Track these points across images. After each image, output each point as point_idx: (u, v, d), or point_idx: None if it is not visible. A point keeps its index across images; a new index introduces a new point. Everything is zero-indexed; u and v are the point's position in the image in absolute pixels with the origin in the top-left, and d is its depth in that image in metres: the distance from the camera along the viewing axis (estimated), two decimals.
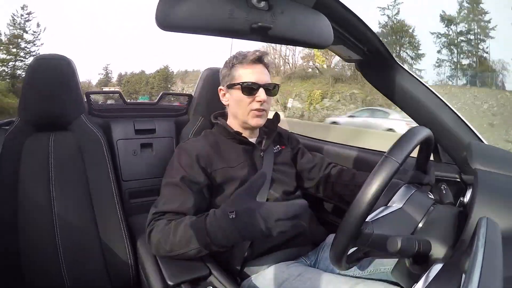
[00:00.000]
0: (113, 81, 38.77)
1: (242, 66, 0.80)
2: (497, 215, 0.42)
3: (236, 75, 0.81)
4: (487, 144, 0.69)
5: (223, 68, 0.85)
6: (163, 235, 0.67)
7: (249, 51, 0.81)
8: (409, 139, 0.48)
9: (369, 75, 0.80)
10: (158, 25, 0.41)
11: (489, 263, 0.31)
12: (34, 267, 0.83)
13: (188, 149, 0.79)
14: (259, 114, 0.80)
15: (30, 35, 18.66)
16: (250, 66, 0.80)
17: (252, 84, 0.78)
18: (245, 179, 0.79)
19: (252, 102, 0.79)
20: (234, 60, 0.82)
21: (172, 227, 0.67)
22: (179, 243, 0.65)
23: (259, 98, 0.78)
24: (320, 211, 1.12)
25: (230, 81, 0.82)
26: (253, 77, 0.79)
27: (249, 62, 0.80)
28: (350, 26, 0.63)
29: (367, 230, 0.46)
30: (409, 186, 0.58)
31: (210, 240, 0.62)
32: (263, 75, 0.80)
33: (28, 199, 0.84)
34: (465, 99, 11.43)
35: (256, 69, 0.80)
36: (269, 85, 0.80)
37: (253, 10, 0.43)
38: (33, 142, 0.89)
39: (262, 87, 0.79)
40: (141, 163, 1.10)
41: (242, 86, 0.79)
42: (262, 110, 0.81)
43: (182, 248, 0.65)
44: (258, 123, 0.82)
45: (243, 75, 0.80)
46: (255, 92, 0.79)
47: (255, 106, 0.79)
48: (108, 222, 0.90)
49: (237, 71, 0.81)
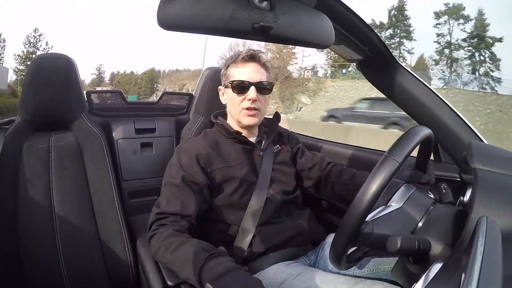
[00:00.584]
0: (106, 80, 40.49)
1: (235, 65, 0.81)
2: (497, 214, 0.43)
3: (229, 74, 0.81)
4: (487, 144, 0.69)
5: (222, 68, 0.86)
6: (165, 248, 0.66)
7: (242, 51, 0.82)
8: (409, 138, 0.48)
9: (370, 74, 0.80)
10: (160, 25, 0.41)
11: (488, 262, 0.31)
12: (34, 267, 0.83)
13: (188, 149, 0.79)
14: (251, 113, 0.80)
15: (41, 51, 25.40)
16: (242, 65, 0.80)
17: (242, 82, 0.78)
18: (244, 179, 0.79)
19: (243, 100, 0.79)
20: (229, 60, 0.83)
21: (176, 244, 0.65)
22: (175, 263, 0.64)
23: (249, 96, 0.78)
24: (319, 211, 1.12)
25: (225, 80, 0.83)
26: (244, 75, 0.79)
27: (241, 61, 0.80)
28: (352, 26, 0.63)
29: (367, 230, 0.47)
30: (409, 185, 0.58)
31: (199, 278, 0.59)
32: (255, 73, 0.79)
33: (28, 199, 0.84)
34: None
35: (248, 68, 0.79)
36: (261, 84, 0.79)
37: (254, 10, 0.43)
38: (33, 142, 0.89)
39: (253, 85, 0.78)
40: (141, 162, 1.10)
41: (232, 84, 0.79)
42: (254, 109, 0.80)
43: (178, 269, 0.64)
44: (249, 122, 0.81)
45: (235, 74, 0.80)
46: (245, 90, 0.78)
47: (246, 105, 0.79)
48: (108, 222, 0.90)
49: (230, 70, 0.81)
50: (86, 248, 0.88)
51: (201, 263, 0.59)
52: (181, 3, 0.41)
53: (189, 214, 0.72)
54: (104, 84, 39.88)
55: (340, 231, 0.46)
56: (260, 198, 0.80)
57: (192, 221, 0.73)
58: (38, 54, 0.87)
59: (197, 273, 0.58)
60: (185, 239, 0.66)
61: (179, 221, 0.71)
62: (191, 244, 0.64)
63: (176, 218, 0.71)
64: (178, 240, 0.66)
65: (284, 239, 0.79)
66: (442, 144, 0.79)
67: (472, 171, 0.53)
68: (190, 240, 0.66)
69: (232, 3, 0.42)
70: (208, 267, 0.58)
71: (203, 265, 0.58)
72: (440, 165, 0.82)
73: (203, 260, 0.59)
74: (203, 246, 0.63)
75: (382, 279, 0.67)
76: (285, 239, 0.79)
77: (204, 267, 0.58)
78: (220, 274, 0.55)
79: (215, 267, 0.57)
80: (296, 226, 0.82)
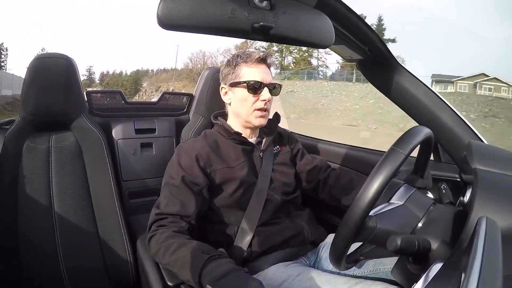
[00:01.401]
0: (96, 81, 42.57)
1: (247, 65, 0.80)
2: (497, 215, 0.43)
3: (240, 73, 0.81)
4: (487, 144, 0.69)
5: (225, 67, 0.85)
6: (164, 250, 0.66)
7: (253, 51, 0.82)
8: (414, 134, 0.49)
9: (370, 74, 0.80)
10: (160, 24, 0.41)
11: (488, 262, 0.31)
12: (33, 267, 0.83)
13: (188, 150, 0.79)
14: (262, 114, 0.81)
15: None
16: (255, 65, 0.80)
17: (257, 83, 0.79)
18: (244, 179, 0.79)
19: (256, 101, 0.80)
20: (238, 59, 0.82)
21: (175, 246, 0.65)
22: (174, 264, 0.64)
23: (264, 97, 0.79)
24: (320, 211, 1.12)
25: (233, 79, 0.82)
26: (258, 76, 0.79)
27: (254, 61, 0.80)
28: (352, 26, 0.63)
29: (371, 223, 0.46)
30: (409, 186, 0.58)
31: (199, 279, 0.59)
32: (267, 74, 0.81)
33: (28, 199, 0.84)
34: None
35: (260, 69, 0.80)
36: (272, 85, 0.81)
37: (255, 10, 0.43)
38: (33, 142, 0.89)
39: (266, 87, 0.79)
40: (141, 163, 1.10)
41: (248, 84, 0.79)
42: (265, 110, 0.81)
43: (177, 270, 0.64)
44: (261, 123, 0.82)
45: (248, 73, 0.80)
46: (259, 91, 0.79)
47: (259, 106, 0.80)
48: (108, 222, 0.90)
49: (241, 69, 0.81)
50: (86, 248, 0.87)
51: (201, 265, 0.58)
52: (181, 3, 0.41)
53: (188, 215, 0.72)
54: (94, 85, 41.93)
55: (344, 223, 0.45)
56: (260, 198, 0.80)
57: (191, 222, 0.73)
58: None
59: (197, 275, 0.58)
60: (185, 241, 0.66)
61: (179, 222, 0.71)
62: (190, 246, 0.64)
63: (176, 219, 0.71)
64: (178, 242, 0.66)
65: (283, 239, 0.79)
66: (442, 144, 0.79)
67: (472, 171, 0.53)
68: (189, 241, 0.66)
69: (232, 2, 0.42)
70: (208, 269, 0.58)
71: (203, 267, 0.58)
72: (440, 165, 0.82)
73: (203, 262, 0.59)
74: (203, 248, 0.63)
75: (382, 279, 0.67)
76: (285, 240, 0.79)
77: (204, 269, 0.58)
78: (220, 276, 0.55)
79: (215, 269, 0.57)
80: (295, 227, 0.82)
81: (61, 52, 0.91)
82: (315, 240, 0.85)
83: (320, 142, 1.22)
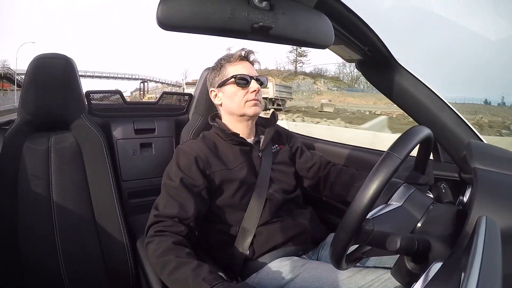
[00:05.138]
0: None
1: (231, 64, 0.83)
2: (496, 214, 0.43)
3: (226, 72, 0.83)
4: (487, 143, 0.69)
5: (211, 72, 0.87)
6: (161, 267, 0.65)
7: (236, 51, 0.85)
8: (410, 136, 0.48)
9: (370, 75, 0.80)
10: (159, 25, 0.41)
11: (488, 262, 0.31)
12: (33, 267, 0.83)
13: (187, 151, 0.79)
14: (255, 102, 0.82)
15: None
16: (239, 63, 0.83)
17: (245, 75, 0.81)
18: (243, 180, 0.80)
19: (246, 93, 0.81)
20: (222, 61, 0.85)
21: (173, 266, 0.63)
22: (173, 286, 0.63)
23: (253, 88, 0.81)
24: (321, 210, 1.12)
25: (220, 79, 0.84)
26: (244, 70, 0.82)
27: (237, 59, 0.83)
28: (351, 26, 0.63)
29: (368, 227, 0.46)
30: (408, 185, 0.58)
31: None
32: (251, 69, 0.84)
33: (28, 199, 0.84)
34: None
35: (244, 65, 0.83)
36: (259, 77, 0.83)
37: (254, 10, 0.43)
38: (33, 142, 0.88)
39: (253, 79, 0.81)
40: (141, 163, 1.10)
41: (236, 78, 0.81)
42: (257, 100, 0.82)
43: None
44: (255, 112, 0.83)
45: (233, 70, 0.82)
46: (247, 84, 0.81)
47: (250, 97, 0.81)
48: (107, 222, 0.90)
49: (226, 69, 0.83)
50: (86, 248, 0.87)
51: None
52: (180, 3, 0.41)
53: (187, 217, 0.72)
54: None
55: (341, 228, 0.46)
56: (260, 198, 0.80)
57: (190, 224, 0.72)
58: None
59: None
60: (183, 260, 0.64)
61: (177, 225, 0.70)
62: (189, 268, 0.62)
63: (174, 222, 0.71)
64: (176, 261, 0.64)
65: (285, 238, 0.79)
66: (442, 144, 0.79)
67: (472, 171, 0.53)
68: (188, 261, 0.64)
69: (231, 3, 0.42)
70: None
71: None
72: (440, 165, 0.82)
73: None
74: (203, 276, 0.60)
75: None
76: (287, 238, 0.79)
77: None
78: None
79: None
80: (297, 225, 0.82)
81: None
82: (316, 239, 0.85)
83: (319, 142, 1.22)
